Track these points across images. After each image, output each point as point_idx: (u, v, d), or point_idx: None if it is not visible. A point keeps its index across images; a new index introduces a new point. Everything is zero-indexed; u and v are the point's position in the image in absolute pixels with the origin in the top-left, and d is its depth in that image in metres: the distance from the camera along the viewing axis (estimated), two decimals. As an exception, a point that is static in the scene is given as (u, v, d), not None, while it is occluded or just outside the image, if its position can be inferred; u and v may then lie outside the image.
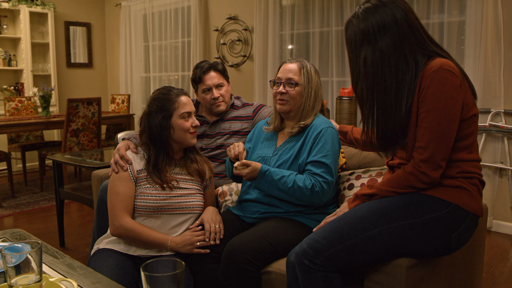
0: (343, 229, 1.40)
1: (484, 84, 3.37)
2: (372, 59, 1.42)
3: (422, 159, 1.37)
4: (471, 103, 1.42)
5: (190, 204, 1.87)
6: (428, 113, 1.36)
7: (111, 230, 1.81)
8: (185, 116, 1.87)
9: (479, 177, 1.46)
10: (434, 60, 1.40)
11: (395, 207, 1.40)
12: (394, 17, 1.41)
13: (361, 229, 1.38)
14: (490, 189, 3.47)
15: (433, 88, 1.35)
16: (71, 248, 3.24)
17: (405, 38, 1.41)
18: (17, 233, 1.74)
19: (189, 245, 1.79)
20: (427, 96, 1.36)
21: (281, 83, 1.95)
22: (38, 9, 5.82)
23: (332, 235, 1.40)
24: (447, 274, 1.62)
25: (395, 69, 1.41)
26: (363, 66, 1.44)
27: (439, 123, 1.35)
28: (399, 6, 1.43)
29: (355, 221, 1.41)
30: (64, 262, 1.47)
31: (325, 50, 4.37)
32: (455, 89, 1.35)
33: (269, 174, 1.82)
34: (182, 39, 5.67)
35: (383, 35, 1.40)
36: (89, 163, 2.95)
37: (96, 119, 4.71)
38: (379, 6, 1.43)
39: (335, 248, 1.38)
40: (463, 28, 3.53)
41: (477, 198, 1.44)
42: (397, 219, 1.38)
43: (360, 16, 1.46)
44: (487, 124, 3.40)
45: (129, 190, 1.82)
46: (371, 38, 1.42)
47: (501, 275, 2.71)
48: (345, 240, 1.38)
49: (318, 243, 1.40)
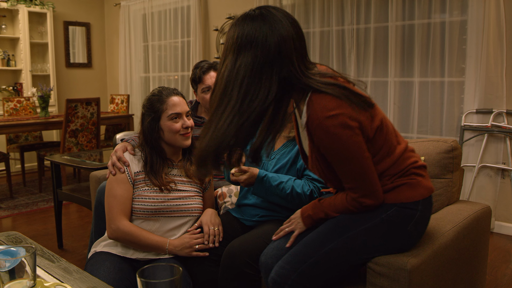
0: (302, 251, 1.44)
1: (486, 84, 3.34)
2: (231, 69, 1.27)
3: (358, 197, 1.38)
4: (369, 119, 1.33)
5: (189, 207, 1.84)
6: (340, 163, 1.34)
7: (109, 233, 1.78)
8: (174, 117, 1.82)
9: (413, 166, 1.43)
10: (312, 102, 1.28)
11: (346, 218, 1.43)
12: (266, 38, 1.25)
13: (318, 246, 1.42)
14: (492, 190, 3.44)
15: (330, 143, 1.29)
16: (70, 249, 3.21)
17: (267, 63, 1.25)
18: (13, 236, 1.71)
19: (188, 248, 1.76)
20: (329, 150, 1.32)
21: None
22: (37, 9, 5.79)
23: (294, 258, 1.44)
24: (451, 277, 1.60)
25: (244, 91, 1.26)
26: (222, 74, 1.30)
27: (355, 167, 1.33)
28: (278, 29, 1.26)
29: (312, 240, 1.45)
30: (60, 266, 1.43)
31: (326, 49, 4.34)
32: (350, 136, 1.27)
33: (267, 180, 1.79)
34: (181, 39, 5.64)
35: (247, 51, 1.25)
36: (87, 164, 2.92)
37: (95, 120, 4.68)
38: (258, 19, 1.27)
39: (299, 270, 1.41)
40: (465, 27, 3.50)
41: (420, 183, 1.42)
42: (349, 228, 1.41)
43: (239, 20, 1.30)
44: (489, 124, 3.37)
45: (126, 193, 1.80)
46: (236, 49, 1.27)
47: (504, 277, 2.68)
48: (306, 260, 1.42)
49: (283, 269, 1.43)
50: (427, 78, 3.72)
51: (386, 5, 3.89)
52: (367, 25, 4.02)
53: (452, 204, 1.90)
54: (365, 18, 4.02)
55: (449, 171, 1.88)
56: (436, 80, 3.67)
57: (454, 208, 1.84)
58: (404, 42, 3.84)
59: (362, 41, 4.06)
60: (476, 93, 3.41)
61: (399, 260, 1.39)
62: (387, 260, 1.40)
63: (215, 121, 1.29)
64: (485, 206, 1.88)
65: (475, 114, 3.45)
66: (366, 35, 4.04)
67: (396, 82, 3.88)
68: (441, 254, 1.51)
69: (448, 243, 1.55)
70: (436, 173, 1.88)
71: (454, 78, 3.60)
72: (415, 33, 3.73)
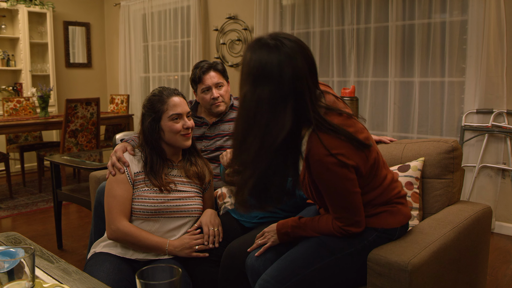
0: (289, 267, 1.46)
1: (487, 84, 3.34)
2: (250, 100, 1.31)
3: (343, 226, 1.44)
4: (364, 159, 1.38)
5: (189, 207, 1.83)
6: (331, 194, 1.39)
7: (108, 233, 1.77)
8: (175, 117, 1.82)
9: (396, 196, 1.51)
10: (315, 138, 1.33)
11: (330, 240, 1.47)
12: (281, 74, 1.28)
13: (306, 264, 1.45)
14: (492, 190, 3.43)
15: (326, 177, 1.35)
16: (69, 250, 3.21)
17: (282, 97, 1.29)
18: (12, 237, 1.71)
19: (188, 248, 1.75)
20: (323, 182, 1.37)
21: None
22: (37, 9, 5.79)
23: (280, 274, 1.45)
24: (451, 278, 1.59)
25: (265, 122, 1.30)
26: (242, 101, 1.34)
27: (344, 200, 1.39)
28: (293, 66, 1.29)
29: (301, 257, 1.47)
30: (59, 267, 1.43)
31: (326, 50, 4.33)
32: (346, 173, 1.34)
33: None
34: (181, 39, 5.63)
35: (264, 85, 1.29)
36: (87, 165, 2.92)
37: (95, 120, 4.67)
38: (275, 51, 1.29)
39: (284, 285, 1.43)
40: (465, 27, 3.49)
41: (400, 210, 1.50)
42: (335, 252, 1.45)
43: (256, 47, 1.32)
44: (489, 124, 3.36)
45: (126, 193, 1.79)
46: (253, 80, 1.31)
47: (504, 278, 2.68)
48: (292, 277, 1.44)
49: (269, 283, 1.44)
50: (427, 78, 3.71)
51: (386, 5, 3.88)
52: (367, 25, 4.01)
53: (453, 204, 1.90)
54: (365, 18, 4.02)
55: (450, 172, 1.87)
56: (437, 80, 3.67)
57: (454, 208, 1.83)
58: (404, 42, 3.83)
59: (362, 41, 4.06)
60: (477, 93, 3.40)
61: (400, 260, 1.38)
62: (388, 261, 1.40)
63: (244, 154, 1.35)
64: (486, 206, 1.88)
65: (476, 114, 3.45)
66: (366, 35, 4.03)
67: (396, 82, 3.88)
68: (442, 254, 1.50)
69: (448, 243, 1.54)
70: (437, 174, 1.87)
71: (454, 78, 3.59)
72: (415, 33, 3.72)
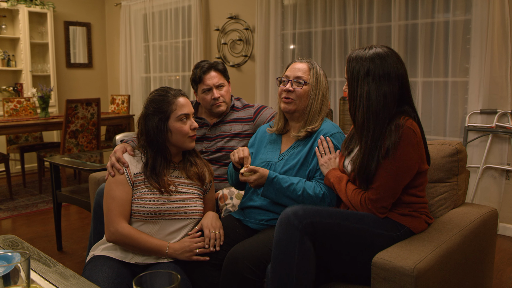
0: (334, 211, 1.56)
1: (491, 84, 3.30)
2: (376, 96, 1.54)
3: (371, 199, 1.56)
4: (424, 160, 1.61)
5: (189, 209, 1.80)
6: (386, 161, 1.52)
7: (107, 236, 1.74)
8: (183, 118, 1.80)
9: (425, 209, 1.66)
10: (402, 117, 1.55)
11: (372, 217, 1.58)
12: (398, 72, 1.56)
13: (349, 218, 1.55)
14: (496, 192, 3.40)
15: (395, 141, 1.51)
16: (69, 252, 3.18)
17: (398, 93, 1.57)
18: (10, 239, 1.68)
19: (188, 252, 1.72)
20: (390, 146, 1.51)
21: (289, 81, 1.88)
22: (37, 9, 5.77)
23: (323, 210, 1.55)
24: (457, 283, 1.56)
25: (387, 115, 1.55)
26: (366, 98, 1.55)
27: (393, 174, 1.52)
28: (402, 65, 1.59)
29: (346, 211, 1.59)
30: (57, 271, 1.40)
31: (328, 49, 4.30)
32: (413, 146, 1.52)
33: (277, 181, 1.75)
34: (182, 39, 5.61)
35: (387, 81, 1.54)
36: (86, 166, 2.89)
37: (95, 120, 4.65)
38: (389, 56, 1.56)
39: (323, 219, 1.51)
40: (469, 27, 3.45)
41: (421, 220, 1.63)
42: (372, 225, 1.55)
43: (370, 56, 1.56)
44: (493, 125, 3.32)
45: (125, 195, 1.76)
46: (376, 77, 1.55)
47: (510, 280, 2.64)
48: (332, 218, 1.52)
49: (310, 209, 1.53)
50: (430, 78, 3.68)
51: (388, 4, 3.84)
52: (370, 24, 3.98)
53: (458, 207, 1.86)
54: (368, 18, 3.98)
55: (454, 174, 1.84)
56: (440, 80, 3.63)
57: (460, 211, 1.80)
58: (407, 42, 3.80)
59: (364, 41, 4.02)
60: (480, 93, 3.37)
61: (405, 265, 1.35)
62: (393, 266, 1.37)
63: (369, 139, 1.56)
64: (492, 209, 1.84)
65: (479, 114, 3.41)
66: (369, 35, 4.00)
67: (399, 82, 3.83)
68: (447, 259, 1.47)
69: (454, 247, 1.51)
70: (441, 177, 1.84)
71: (458, 78, 3.56)
72: (418, 33, 3.69)
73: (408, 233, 1.59)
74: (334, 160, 1.78)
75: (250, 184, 1.78)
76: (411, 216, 1.61)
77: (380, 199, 1.55)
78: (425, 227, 1.64)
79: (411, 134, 1.51)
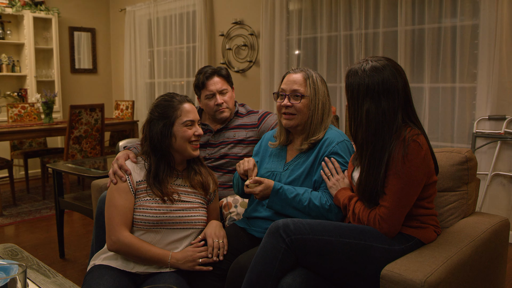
0: (327, 226, 1.52)
1: (499, 89, 3.25)
2: (375, 114, 1.52)
3: (382, 218, 1.51)
4: (432, 171, 1.57)
5: (192, 219, 1.76)
6: (394, 178, 1.48)
7: (108, 245, 1.71)
8: (188, 124, 1.77)
9: (435, 221, 1.63)
10: (407, 129, 1.51)
11: (375, 232, 1.53)
12: (397, 85, 1.52)
13: (342, 234, 1.50)
14: (505, 199, 3.33)
15: (402, 157, 1.47)
16: (71, 259, 3.14)
17: (400, 106, 1.53)
18: (9, 248, 1.65)
19: (191, 261, 1.68)
20: (397, 162, 1.48)
21: (286, 96, 1.82)
22: (42, 15, 5.77)
23: (316, 226, 1.51)
24: (468, 295, 1.51)
25: (388, 131, 1.51)
26: (365, 118, 1.53)
27: (402, 190, 1.48)
28: (401, 76, 1.55)
29: (340, 226, 1.53)
30: (56, 282, 1.37)
31: (333, 55, 4.26)
32: (420, 160, 1.48)
33: (283, 192, 1.71)
34: (187, 44, 5.59)
35: (386, 97, 1.51)
36: (89, 172, 2.86)
37: (99, 126, 4.63)
38: (386, 69, 1.53)
39: (313, 235, 1.47)
40: (477, 32, 3.41)
41: (430, 232, 1.60)
42: (374, 240, 1.50)
43: (367, 71, 1.53)
44: (502, 131, 3.27)
45: (127, 203, 1.72)
46: (375, 95, 1.52)
47: (520, 291, 2.58)
48: (324, 234, 1.48)
49: (302, 224, 1.50)
50: (437, 83, 3.63)
51: (395, 9, 3.80)
52: (376, 29, 3.94)
53: (468, 216, 1.81)
54: (374, 23, 3.94)
55: (464, 183, 1.79)
56: (447, 85, 3.58)
57: (470, 221, 1.75)
58: (414, 47, 3.75)
59: (370, 46, 3.98)
60: (489, 99, 3.31)
61: (415, 278, 1.30)
62: (403, 278, 1.32)
63: (371, 156, 1.54)
64: (503, 218, 1.79)
65: (488, 120, 3.36)
66: (375, 40, 3.95)
67: (406, 88, 3.79)
68: (459, 271, 1.42)
69: (466, 259, 1.46)
70: (450, 186, 1.78)
71: (465, 84, 3.50)
72: (425, 38, 3.64)
73: (418, 244, 1.55)
74: (342, 181, 1.73)
75: (255, 196, 1.75)
76: (419, 228, 1.57)
77: (391, 216, 1.50)
78: (435, 237, 1.60)
79: (416, 148, 1.48)
